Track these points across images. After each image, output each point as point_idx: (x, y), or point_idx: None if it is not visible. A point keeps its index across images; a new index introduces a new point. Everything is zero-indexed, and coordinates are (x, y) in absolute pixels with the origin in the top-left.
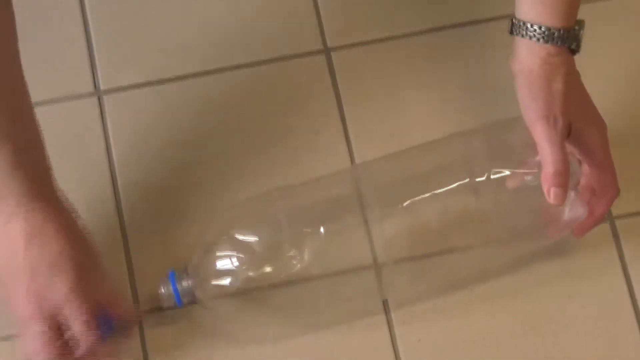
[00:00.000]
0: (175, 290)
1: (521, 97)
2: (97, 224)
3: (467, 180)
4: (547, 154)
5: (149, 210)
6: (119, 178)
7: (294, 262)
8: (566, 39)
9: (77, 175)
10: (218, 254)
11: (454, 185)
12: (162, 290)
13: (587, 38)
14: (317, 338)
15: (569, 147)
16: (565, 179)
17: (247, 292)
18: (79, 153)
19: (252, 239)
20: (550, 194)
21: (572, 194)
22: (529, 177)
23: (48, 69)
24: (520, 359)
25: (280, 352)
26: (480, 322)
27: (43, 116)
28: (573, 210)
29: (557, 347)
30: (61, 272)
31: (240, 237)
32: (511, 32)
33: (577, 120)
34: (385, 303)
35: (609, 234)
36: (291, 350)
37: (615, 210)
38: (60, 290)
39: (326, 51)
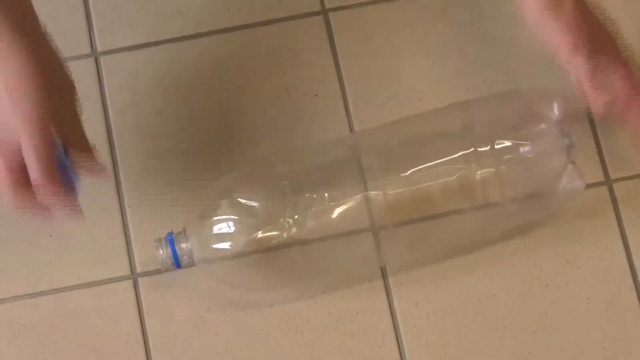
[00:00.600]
0: (174, 252)
1: (538, 28)
2: (93, 185)
3: (470, 150)
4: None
5: (146, 173)
6: (116, 139)
7: (296, 226)
8: None
9: None
10: (219, 217)
11: (457, 155)
12: (160, 251)
13: None
14: (313, 302)
15: (569, 125)
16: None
17: (245, 255)
18: None
19: (254, 202)
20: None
21: (569, 166)
22: (527, 148)
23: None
24: (518, 323)
25: (277, 316)
26: (477, 286)
27: None
28: (570, 181)
29: (555, 310)
30: (20, 96)
31: (242, 200)
32: None
33: (594, 40)
34: (382, 267)
35: (607, 197)
36: (287, 314)
37: (614, 174)
38: (19, 118)
39: (324, 12)
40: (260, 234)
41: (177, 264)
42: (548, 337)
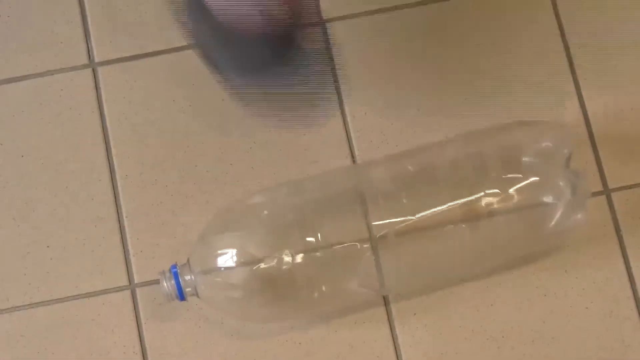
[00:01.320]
0: (179, 285)
1: None
2: (91, 196)
3: (478, 195)
4: None
5: (144, 183)
6: (114, 150)
7: (299, 260)
8: None
9: (71, 148)
10: (222, 250)
11: (463, 200)
12: (164, 284)
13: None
14: (311, 313)
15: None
16: None
17: (249, 288)
18: (73, 125)
19: (258, 238)
20: None
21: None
22: (534, 183)
23: (42, 41)
24: (516, 333)
25: (275, 327)
26: (475, 296)
27: (37, 88)
28: (572, 215)
29: (553, 320)
30: None
31: (246, 235)
32: None
33: None
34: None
35: (605, 206)
36: (285, 325)
37: (612, 183)
38: None
39: (321, 23)
40: (263, 266)
41: (181, 296)
42: (546, 347)
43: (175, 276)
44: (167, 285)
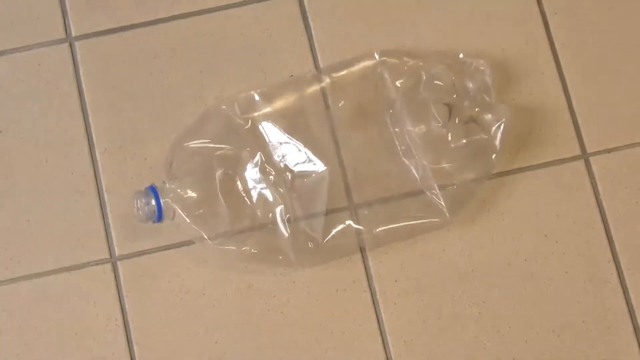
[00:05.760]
0: (158, 203)
1: None
2: (70, 170)
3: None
4: None
5: (123, 156)
6: (92, 124)
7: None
8: None
9: (49, 122)
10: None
11: None
12: (142, 203)
13: None
14: (293, 282)
15: None
16: None
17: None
18: (51, 100)
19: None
20: None
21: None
22: None
23: (19, 16)
24: (497, 298)
25: (257, 296)
26: (456, 262)
27: (14, 64)
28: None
29: (534, 285)
30: None
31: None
32: None
33: None
34: (361, 246)
35: (584, 171)
36: (267, 294)
37: (590, 147)
38: None
39: None
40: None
41: (159, 217)
42: (527, 312)
43: (155, 195)
44: (145, 205)
